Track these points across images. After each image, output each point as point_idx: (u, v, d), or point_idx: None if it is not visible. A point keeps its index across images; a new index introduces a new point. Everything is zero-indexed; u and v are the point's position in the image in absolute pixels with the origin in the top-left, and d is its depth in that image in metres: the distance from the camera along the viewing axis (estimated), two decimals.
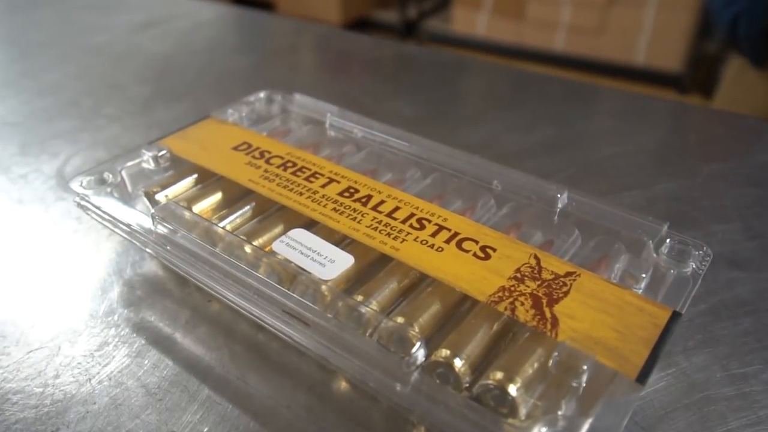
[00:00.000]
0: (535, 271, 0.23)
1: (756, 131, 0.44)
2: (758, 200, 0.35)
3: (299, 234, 0.25)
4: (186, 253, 0.25)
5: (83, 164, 0.38)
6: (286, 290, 0.22)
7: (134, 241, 0.27)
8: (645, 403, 0.23)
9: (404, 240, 0.25)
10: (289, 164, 0.30)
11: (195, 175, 0.30)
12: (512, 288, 0.22)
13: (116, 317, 0.27)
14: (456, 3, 1.83)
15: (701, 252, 0.24)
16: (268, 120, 0.36)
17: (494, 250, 0.24)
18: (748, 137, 0.43)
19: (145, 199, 0.29)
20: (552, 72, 0.54)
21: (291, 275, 0.23)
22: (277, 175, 0.29)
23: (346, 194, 0.27)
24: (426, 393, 0.19)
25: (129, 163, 0.30)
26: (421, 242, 0.24)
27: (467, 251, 0.24)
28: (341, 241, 0.25)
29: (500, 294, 0.22)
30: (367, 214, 0.26)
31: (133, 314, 0.27)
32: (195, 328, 0.26)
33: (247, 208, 0.28)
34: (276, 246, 0.25)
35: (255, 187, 0.28)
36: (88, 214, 0.28)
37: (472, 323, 0.22)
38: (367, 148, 0.33)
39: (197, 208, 0.28)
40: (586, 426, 0.18)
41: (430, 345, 0.21)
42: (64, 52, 0.56)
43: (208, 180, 0.30)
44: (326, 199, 0.27)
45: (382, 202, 0.27)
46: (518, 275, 0.23)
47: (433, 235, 0.25)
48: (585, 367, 0.19)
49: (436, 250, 0.24)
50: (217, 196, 0.29)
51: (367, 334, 0.21)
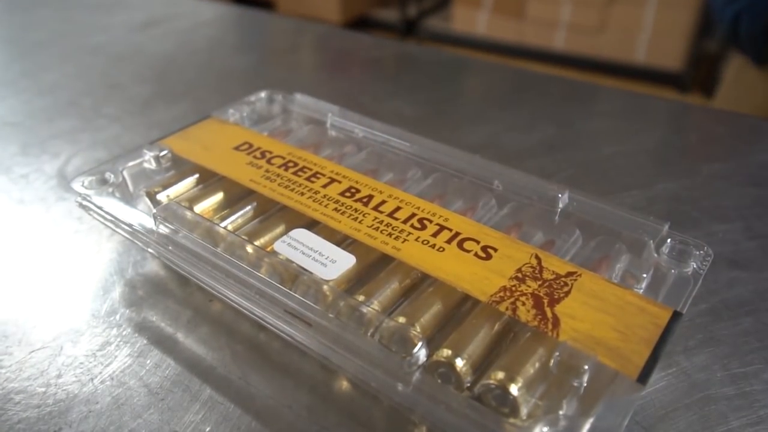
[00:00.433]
0: (536, 271, 0.23)
1: (757, 131, 0.44)
2: (759, 200, 0.35)
3: (301, 234, 0.25)
4: (187, 253, 0.25)
5: (84, 164, 0.38)
6: (288, 290, 0.22)
7: (136, 241, 0.27)
8: (646, 403, 0.23)
9: (405, 240, 0.25)
10: (291, 164, 0.30)
11: (196, 175, 0.30)
12: (513, 288, 0.22)
13: (118, 317, 0.27)
14: (456, 2, 1.83)
15: (702, 252, 0.24)
16: (269, 120, 0.36)
17: (495, 250, 0.24)
18: (749, 137, 0.43)
19: (147, 199, 0.29)
20: (552, 71, 0.54)
21: (292, 275, 0.23)
22: (279, 175, 0.29)
23: (348, 194, 0.27)
24: (427, 393, 0.19)
25: (130, 163, 0.30)
26: (423, 242, 0.24)
27: (468, 251, 0.24)
28: (342, 241, 0.25)
29: (501, 294, 0.22)
30: (369, 214, 0.26)
31: (135, 314, 0.27)
32: (197, 328, 0.26)
33: (249, 208, 0.28)
34: (277, 246, 0.25)
35: (256, 187, 0.28)
36: (90, 215, 0.28)
37: (474, 323, 0.22)
38: (368, 148, 0.33)
39: (199, 208, 0.28)
40: (587, 425, 0.18)
41: (432, 345, 0.21)
42: (64, 52, 0.56)
43: (210, 180, 0.30)
44: (327, 199, 0.27)
45: (384, 202, 0.27)
46: (519, 275, 0.23)
47: (435, 235, 0.25)
48: (586, 367, 0.19)
49: (438, 250, 0.24)
50: (219, 196, 0.29)
51: (369, 334, 0.21)
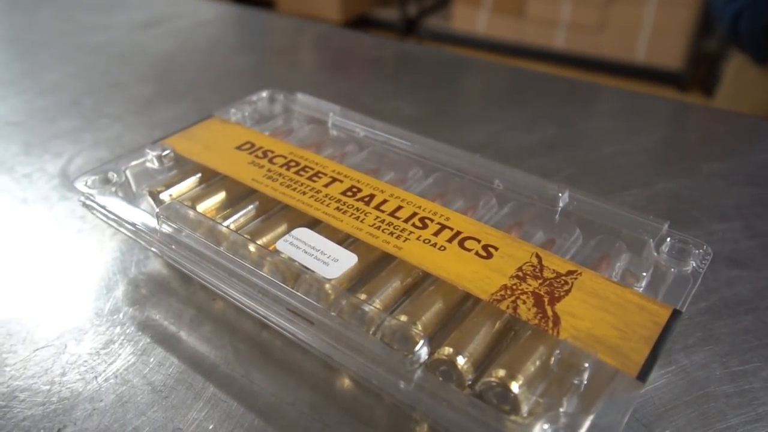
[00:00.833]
0: (537, 270, 0.23)
1: (757, 130, 0.44)
2: (758, 199, 0.35)
3: (303, 233, 0.25)
4: (190, 252, 0.25)
5: (86, 164, 0.38)
6: (290, 289, 0.22)
7: (139, 240, 0.27)
8: (645, 401, 0.23)
9: (407, 239, 0.25)
10: (292, 164, 0.30)
11: (199, 175, 0.30)
12: (514, 286, 0.22)
13: (121, 315, 0.27)
14: (456, 1, 1.83)
15: (701, 251, 0.25)
16: (271, 119, 0.37)
17: (496, 249, 0.24)
18: (749, 136, 0.43)
19: (150, 199, 0.29)
20: (552, 70, 0.54)
21: (295, 274, 0.23)
22: (281, 175, 0.29)
23: (349, 193, 0.27)
24: (429, 390, 0.19)
25: (133, 163, 0.30)
26: (424, 241, 0.25)
27: (469, 250, 0.24)
28: (344, 240, 0.26)
29: (502, 292, 0.22)
30: (370, 214, 0.26)
31: (138, 312, 0.27)
32: (200, 326, 0.26)
33: (251, 208, 0.28)
34: (280, 245, 0.25)
35: (258, 187, 0.28)
36: (94, 214, 0.28)
37: (475, 321, 0.22)
38: (370, 148, 0.33)
39: (201, 208, 0.28)
40: (588, 423, 0.18)
41: (433, 343, 0.21)
42: (65, 52, 0.56)
43: (212, 179, 0.30)
44: (329, 199, 0.27)
45: (385, 202, 0.27)
46: (520, 274, 0.23)
47: (436, 234, 0.25)
48: (586, 365, 0.19)
49: (439, 249, 0.24)
50: (221, 196, 0.29)
51: (371, 333, 0.21)
